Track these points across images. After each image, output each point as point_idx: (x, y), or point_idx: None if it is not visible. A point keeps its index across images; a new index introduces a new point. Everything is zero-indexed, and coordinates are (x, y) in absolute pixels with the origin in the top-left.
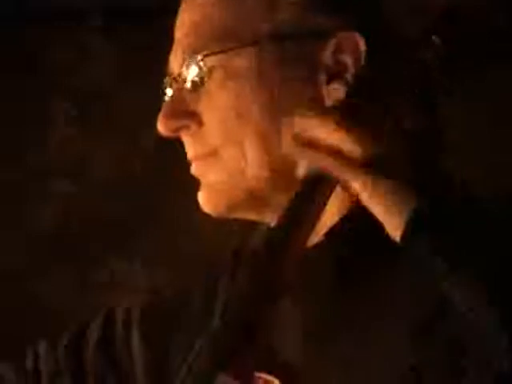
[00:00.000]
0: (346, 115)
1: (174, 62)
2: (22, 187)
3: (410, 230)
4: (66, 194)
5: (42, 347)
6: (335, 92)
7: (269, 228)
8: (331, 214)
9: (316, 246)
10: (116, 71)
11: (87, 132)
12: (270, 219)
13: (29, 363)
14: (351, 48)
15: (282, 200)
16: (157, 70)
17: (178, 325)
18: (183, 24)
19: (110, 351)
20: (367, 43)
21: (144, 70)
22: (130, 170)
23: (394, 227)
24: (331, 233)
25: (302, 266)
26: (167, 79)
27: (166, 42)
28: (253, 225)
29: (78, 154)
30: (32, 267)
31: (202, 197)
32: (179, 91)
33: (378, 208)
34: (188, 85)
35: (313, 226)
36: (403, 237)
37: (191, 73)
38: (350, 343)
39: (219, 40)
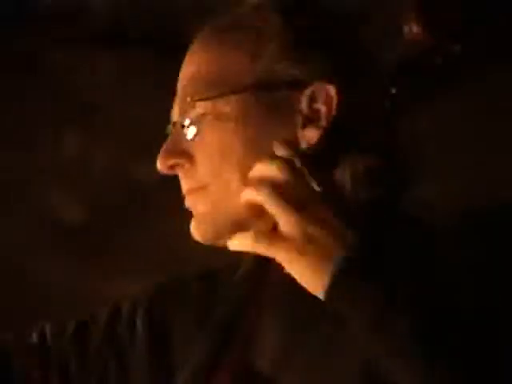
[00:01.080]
0: (315, 161)
1: (175, 109)
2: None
3: (332, 289)
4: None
5: (49, 328)
6: (309, 136)
7: (253, 257)
8: None
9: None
10: (116, 85)
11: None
12: None
13: (35, 339)
14: (325, 97)
15: (262, 226)
16: (154, 84)
17: (179, 306)
18: (182, 78)
19: (114, 336)
20: (339, 92)
21: (142, 84)
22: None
23: (315, 290)
24: None
25: (276, 290)
26: (169, 126)
27: (164, 60)
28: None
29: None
30: (32, 253)
31: (192, 226)
32: (177, 134)
33: (298, 277)
34: (183, 128)
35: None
36: (326, 297)
37: (186, 117)
38: (315, 354)
39: (210, 89)
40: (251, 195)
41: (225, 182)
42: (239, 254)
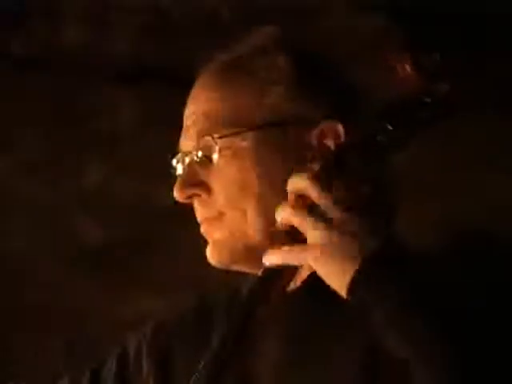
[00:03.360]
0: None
1: (186, 142)
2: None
3: (353, 287)
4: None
5: (65, 381)
6: (317, 167)
7: (257, 277)
8: (308, 267)
9: (289, 293)
10: (138, 119)
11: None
12: (259, 271)
13: None
14: (333, 134)
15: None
16: (171, 116)
17: (179, 347)
18: (193, 113)
19: (123, 377)
20: (345, 129)
21: (160, 116)
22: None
23: (339, 288)
24: (303, 284)
25: (280, 307)
26: (178, 156)
27: (180, 94)
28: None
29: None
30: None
31: (208, 252)
32: (191, 165)
33: (325, 277)
34: (200, 161)
35: (289, 278)
36: (348, 294)
37: (203, 151)
38: (314, 368)
39: (226, 126)
40: (287, 216)
41: (241, 212)
42: (243, 275)
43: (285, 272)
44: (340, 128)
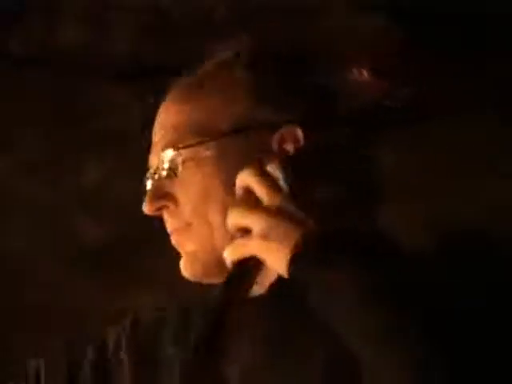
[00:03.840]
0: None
1: (154, 158)
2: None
3: (290, 265)
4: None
5: (43, 369)
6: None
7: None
8: (272, 273)
9: (257, 297)
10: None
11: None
12: None
13: (31, 381)
14: (293, 139)
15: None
16: None
17: (158, 343)
18: (161, 127)
19: (102, 368)
20: (304, 133)
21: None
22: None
23: (280, 269)
24: (271, 288)
25: (245, 312)
26: (148, 173)
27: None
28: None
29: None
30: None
31: (182, 265)
32: (159, 179)
33: (270, 263)
34: (166, 173)
35: (250, 285)
36: (288, 272)
37: (168, 164)
38: (288, 371)
39: (190, 136)
40: (237, 219)
41: (208, 221)
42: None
43: (249, 276)
44: (299, 132)
